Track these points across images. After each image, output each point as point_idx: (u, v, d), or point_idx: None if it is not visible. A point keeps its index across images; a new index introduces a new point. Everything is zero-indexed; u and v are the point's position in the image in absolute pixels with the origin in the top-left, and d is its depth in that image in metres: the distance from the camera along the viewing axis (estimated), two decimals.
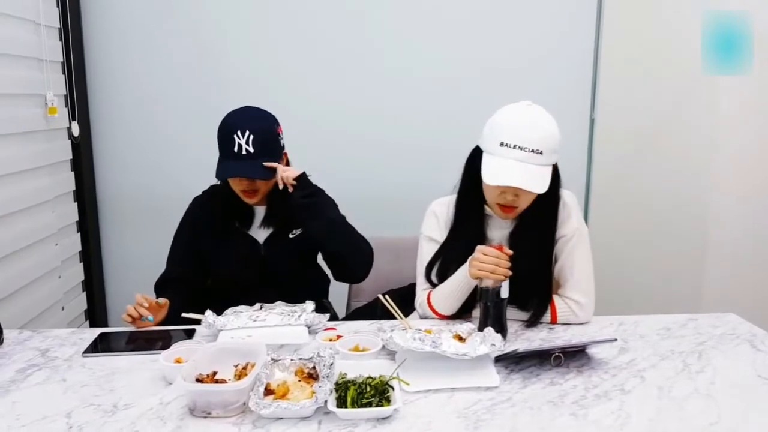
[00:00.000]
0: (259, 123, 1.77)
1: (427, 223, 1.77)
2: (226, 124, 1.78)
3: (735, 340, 1.57)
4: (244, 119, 1.77)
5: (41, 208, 2.31)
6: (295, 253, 1.88)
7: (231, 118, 1.80)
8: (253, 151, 1.73)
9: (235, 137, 1.73)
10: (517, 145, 1.52)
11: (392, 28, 2.64)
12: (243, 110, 1.82)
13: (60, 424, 1.19)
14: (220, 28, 2.61)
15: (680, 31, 2.73)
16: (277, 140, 1.81)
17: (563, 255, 1.69)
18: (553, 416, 1.21)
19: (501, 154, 1.54)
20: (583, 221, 1.72)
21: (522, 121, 1.55)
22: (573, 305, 1.66)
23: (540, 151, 1.52)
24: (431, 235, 1.75)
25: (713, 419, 1.19)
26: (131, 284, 2.61)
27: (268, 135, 1.78)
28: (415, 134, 2.69)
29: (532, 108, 1.59)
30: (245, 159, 1.73)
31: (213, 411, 1.19)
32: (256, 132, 1.74)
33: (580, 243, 1.68)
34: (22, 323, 2.12)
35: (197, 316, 1.62)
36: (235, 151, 1.73)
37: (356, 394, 1.21)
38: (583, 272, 1.68)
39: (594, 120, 2.73)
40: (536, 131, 1.54)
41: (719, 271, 2.95)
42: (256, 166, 1.74)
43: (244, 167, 1.75)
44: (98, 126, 2.68)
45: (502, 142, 1.53)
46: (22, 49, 2.19)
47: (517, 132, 1.53)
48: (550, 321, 1.67)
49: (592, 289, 1.69)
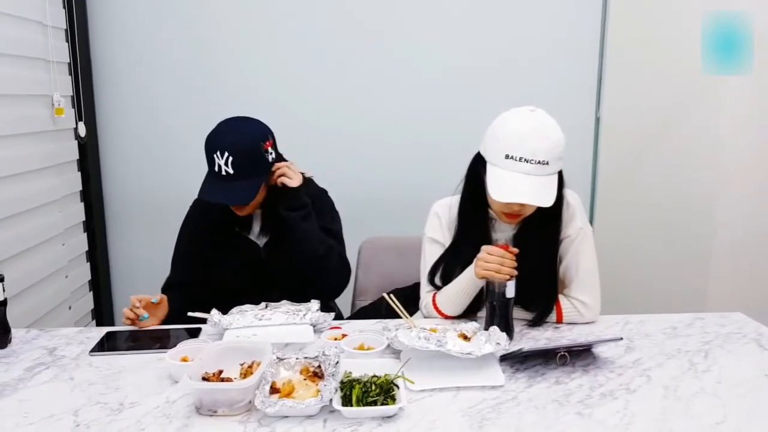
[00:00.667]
0: (239, 141, 1.68)
1: (430, 224, 1.76)
2: (208, 141, 1.71)
3: (741, 340, 1.56)
4: (224, 137, 1.70)
5: (48, 208, 2.32)
6: None
7: (212, 135, 1.72)
8: (232, 173, 1.67)
9: (215, 157, 1.67)
10: (524, 158, 1.49)
11: (393, 27, 2.64)
12: (227, 125, 1.74)
13: (67, 422, 1.19)
14: (225, 30, 2.62)
15: (686, 29, 2.72)
16: (260, 158, 1.71)
17: (568, 255, 1.68)
18: (558, 415, 1.20)
19: (507, 167, 1.51)
20: (587, 221, 1.71)
21: (527, 130, 1.51)
22: (579, 305, 1.66)
23: (546, 162, 1.50)
24: (434, 236, 1.74)
25: (719, 418, 1.19)
26: (138, 284, 2.63)
27: (249, 154, 1.69)
28: (419, 133, 2.69)
29: (535, 115, 1.55)
30: (225, 181, 1.68)
31: (219, 409, 1.20)
32: (235, 152, 1.66)
33: (584, 243, 1.68)
34: (29, 322, 2.13)
35: (203, 315, 1.62)
36: (215, 171, 1.68)
37: (361, 393, 1.21)
38: (588, 272, 1.67)
39: (599, 119, 2.72)
40: (542, 141, 1.50)
41: (725, 270, 2.94)
42: (233, 190, 1.68)
43: (222, 191, 1.69)
44: (105, 126, 2.69)
45: (507, 154, 1.51)
46: (28, 50, 2.20)
47: (523, 144, 1.50)
48: (556, 321, 1.66)
49: (597, 289, 1.69)
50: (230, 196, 1.70)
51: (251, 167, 1.70)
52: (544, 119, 1.55)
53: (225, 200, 1.73)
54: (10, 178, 2.09)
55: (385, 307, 1.67)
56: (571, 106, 2.67)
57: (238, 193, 1.70)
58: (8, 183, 2.08)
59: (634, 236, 2.89)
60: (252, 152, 1.70)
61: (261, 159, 1.71)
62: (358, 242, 2.15)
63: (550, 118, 1.56)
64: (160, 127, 2.69)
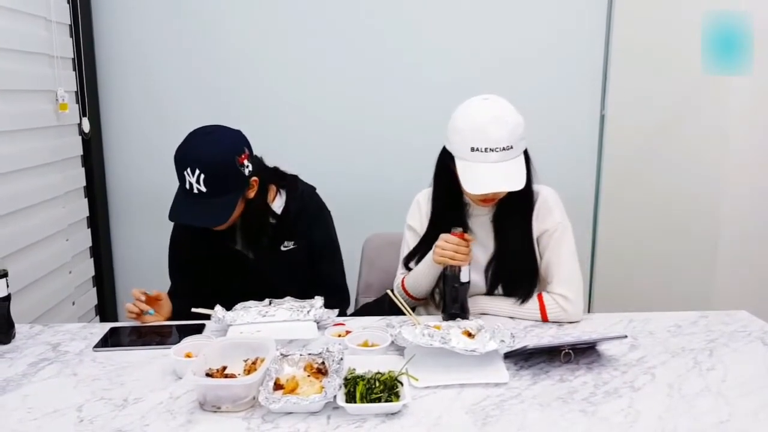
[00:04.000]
0: (212, 157, 1.58)
1: (411, 213, 1.82)
2: (177, 157, 1.62)
3: (746, 338, 1.56)
4: (194, 152, 1.60)
5: (52, 204, 2.33)
6: (285, 266, 1.80)
7: (182, 149, 1.63)
8: (205, 191, 1.58)
9: (186, 174, 1.58)
10: (488, 148, 1.53)
11: (395, 24, 2.64)
12: (197, 138, 1.64)
13: (71, 417, 1.19)
14: (229, 25, 2.62)
15: (691, 26, 2.70)
16: (235, 173, 1.61)
17: (548, 250, 1.70)
18: (562, 413, 1.20)
19: (474, 159, 1.55)
20: (566, 216, 1.73)
21: (486, 121, 1.55)
22: (560, 300, 1.66)
23: (510, 147, 1.54)
24: (412, 224, 1.80)
25: (724, 417, 1.19)
26: (141, 279, 2.62)
27: (223, 170, 1.59)
28: (421, 131, 2.66)
29: (490, 103, 1.59)
30: (197, 198, 1.59)
31: (223, 405, 1.20)
32: (207, 170, 1.56)
33: (563, 238, 1.69)
34: (33, 318, 2.14)
35: (207, 311, 1.62)
36: (186, 189, 1.59)
37: (365, 390, 1.21)
38: (568, 267, 1.69)
39: (604, 116, 2.71)
40: (502, 127, 1.54)
41: (730, 268, 2.93)
42: (206, 209, 1.60)
43: (194, 211, 1.60)
44: (109, 122, 2.69)
45: (473, 147, 1.54)
46: (33, 45, 2.21)
47: (485, 134, 1.54)
48: (541, 319, 1.67)
49: (579, 282, 1.70)
50: (203, 216, 1.61)
51: (225, 184, 1.61)
52: (500, 104, 1.59)
53: (197, 222, 1.63)
54: (14, 174, 2.09)
55: (388, 304, 1.68)
56: (575, 103, 2.67)
57: (212, 213, 1.61)
58: (12, 178, 2.08)
59: (638, 234, 2.88)
60: (226, 168, 1.60)
61: (236, 174, 1.62)
62: (361, 239, 2.15)
63: (504, 102, 1.60)
64: (164, 123, 2.68)
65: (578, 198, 2.69)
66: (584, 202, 2.75)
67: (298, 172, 1.90)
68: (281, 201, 1.80)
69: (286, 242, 1.80)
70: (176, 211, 1.64)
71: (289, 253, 1.81)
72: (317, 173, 1.97)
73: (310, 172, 1.95)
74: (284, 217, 1.79)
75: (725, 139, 2.83)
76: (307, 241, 1.82)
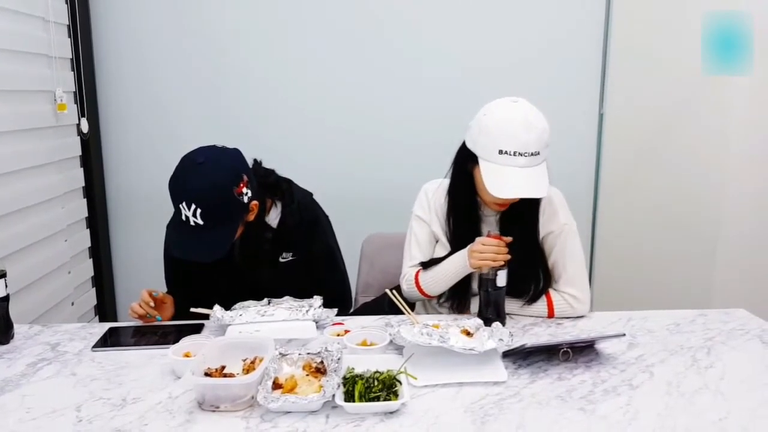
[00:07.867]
0: (208, 192, 1.52)
1: (418, 202, 1.80)
2: (171, 188, 1.56)
3: (745, 336, 1.56)
4: (189, 185, 1.53)
5: (51, 204, 2.33)
6: (285, 277, 1.77)
7: (176, 181, 1.56)
8: (202, 224, 1.52)
9: (182, 208, 1.52)
10: (517, 152, 1.51)
11: (395, 25, 2.64)
12: (191, 170, 1.56)
13: (69, 417, 1.19)
14: (228, 25, 2.62)
15: (691, 26, 2.70)
16: (233, 204, 1.56)
17: (554, 251, 1.70)
18: (561, 411, 1.20)
19: (501, 162, 1.53)
20: (571, 217, 1.73)
21: (516, 123, 1.53)
22: (569, 299, 1.67)
23: (538, 152, 1.53)
24: (420, 214, 1.78)
25: (722, 414, 1.19)
26: (140, 280, 2.62)
27: (220, 202, 1.53)
28: (422, 130, 2.69)
29: (520, 105, 1.57)
30: (196, 231, 1.53)
31: (221, 405, 1.20)
32: (203, 205, 1.51)
33: (569, 238, 1.70)
34: (32, 318, 2.14)
35: (206, 311, 1.62)
36: (183, 220, 1.54)
37: (364, 389, 1.21)
38: (575, 267, 1.69)
39: (603, 115, 2.72)
40: (532, 132, 1.52)
41: (729, 267, 2.93)
42: (205, 242, 1.54)
43: (192, 244, 1.55)
44: (107, 122, 2.69)
45: (501, 149, 1.52)
46: (31, 45, 2.20)
47: (515, 138, 1.51)
48: (548, 316, 1.67)
49: (586, 282, 1.71)
50: (202, 249, 1.55)
51: (223, 215, 1.56)
52: (530, 108, 1.57)
53: (196, 256, 1.57)
54: (13, 174, 2.09)
55: (387, 303, 1.68)
56: (574, 102, 2.67)
57: (211, 246, 1.55)
58: (11, 179, 2.08)
59: (636, 233, 2.88)
60: (223, 200, 1.54)
61: (234, 205, 1.57)
62: (361, 239, 2.15)
63: (533, 107, 1.58)
64: (162, 123, 2.69)
65: (577, 197, 2.68)
66: (583, 201, 2.75)
67: (297, 171, 1.88)
68: (277, 212, 1.76)
69: (284, 254, 1.78)
70: (174, 244, 1.61)
71: (289, 265, 1.78)
72: (317, 173, 1.97)
73: (310, 171, 1.95)
74: (281, 228, 1.75)
75: (725, 139, 2.83)
76: (305, 251, 1.79)
